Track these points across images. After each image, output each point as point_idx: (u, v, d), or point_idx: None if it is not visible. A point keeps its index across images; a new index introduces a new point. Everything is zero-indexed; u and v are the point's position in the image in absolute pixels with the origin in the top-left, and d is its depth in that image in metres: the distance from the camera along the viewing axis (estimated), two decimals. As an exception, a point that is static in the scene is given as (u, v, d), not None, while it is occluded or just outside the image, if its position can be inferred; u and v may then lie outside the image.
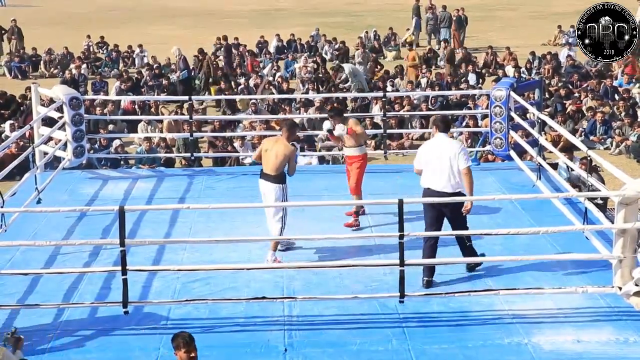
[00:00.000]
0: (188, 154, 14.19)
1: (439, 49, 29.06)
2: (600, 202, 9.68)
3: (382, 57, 28.46)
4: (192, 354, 6.00)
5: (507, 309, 7.87)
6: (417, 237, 8.25)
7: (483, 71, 25.13)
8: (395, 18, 33.87)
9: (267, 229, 9.41)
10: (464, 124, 17.89)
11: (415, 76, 23.97)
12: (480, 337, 7.42)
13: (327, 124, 10.23)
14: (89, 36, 30.05)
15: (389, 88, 21.71)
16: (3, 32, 29.82)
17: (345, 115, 10.60)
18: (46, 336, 7.50)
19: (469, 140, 16.98)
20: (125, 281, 7.58)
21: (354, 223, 10.01)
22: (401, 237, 7.53)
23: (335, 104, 16.75)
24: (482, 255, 8.54)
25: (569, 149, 11.57)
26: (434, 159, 8.44)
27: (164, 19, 38.41)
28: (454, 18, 29.37)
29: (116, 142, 16.55)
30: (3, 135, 17.98)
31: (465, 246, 8.49)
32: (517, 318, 7.72)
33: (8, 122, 18.61)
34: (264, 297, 7.87)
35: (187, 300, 7.84)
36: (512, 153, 12.22)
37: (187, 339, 6.01)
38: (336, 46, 28.90)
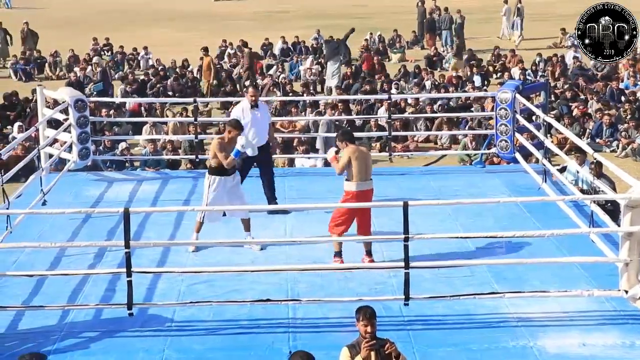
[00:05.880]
0: (193, 156, 14.19)
1: (443, 51, 29.07)
2: (610, 207, 9.56)
3: (387, 60, 28.45)
4: (369, 329, 6.18)
5: (512, 312, 7.85)
6: (422, 239, 8.24)
7: (491, 70, 25.10)
8: (399, 20, 33.82)
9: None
10: (467, 126, 17.86)
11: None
12: (485, 340, 7.41)
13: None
14: (95, 39, 30.04)
15: (393, 90, 21.68)
16: (9, 35, 29.81)
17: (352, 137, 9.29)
18: (51, 338, 7.50)
19: (474, 143, 16.93)
20: (130, 283, 7.57)
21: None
22: (406, 239, 7.52)
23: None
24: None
25: (582, 151, 11.32)
26: None
27: (166, 22, 38.34)
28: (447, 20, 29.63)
29: (122, 145, 16.56)
30: (10, 137, 18.02)
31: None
32: (523, 321, 7.70)
33: (16, 124, 18.66)
34: (268, 300, 7.85)
35: (191, 302, 7.84)
36: (518, 155, 12.18)
37: (368, 314, 6.23)
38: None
